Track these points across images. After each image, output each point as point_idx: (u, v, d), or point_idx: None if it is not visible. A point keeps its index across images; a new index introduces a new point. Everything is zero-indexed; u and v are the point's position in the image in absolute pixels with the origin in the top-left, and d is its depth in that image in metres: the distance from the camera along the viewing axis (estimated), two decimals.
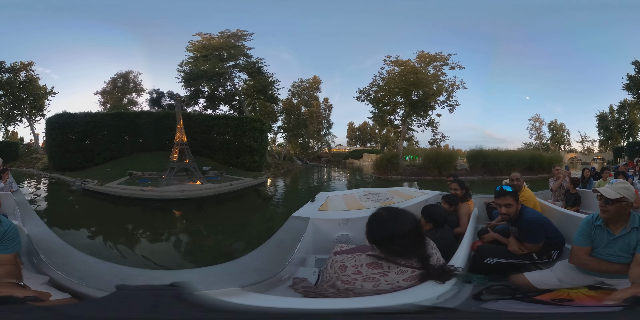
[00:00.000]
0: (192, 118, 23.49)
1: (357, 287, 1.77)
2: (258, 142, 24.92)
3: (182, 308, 1.28)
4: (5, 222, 2.35)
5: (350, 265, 1.84)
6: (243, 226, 11.34)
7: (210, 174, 20.22)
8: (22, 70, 28.58)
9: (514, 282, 2.65)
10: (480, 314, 1.74)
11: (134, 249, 8.42)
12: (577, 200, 6.50)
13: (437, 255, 2.01)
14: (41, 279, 2.37)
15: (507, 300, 2.12)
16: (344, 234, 3.77)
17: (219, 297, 1.47)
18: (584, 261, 2.53)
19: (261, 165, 25.73)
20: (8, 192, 5.72)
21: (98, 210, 12.95)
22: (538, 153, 31.63)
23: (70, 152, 19.00)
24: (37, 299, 1.66)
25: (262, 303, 1.53)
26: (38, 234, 3.29)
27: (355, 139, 58.56)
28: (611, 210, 2.43)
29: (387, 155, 29.75)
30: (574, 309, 2.12)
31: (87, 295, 2.12)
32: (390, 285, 1.76)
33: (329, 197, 5.28)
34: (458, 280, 1.84)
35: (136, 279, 2.48)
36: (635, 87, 31.85)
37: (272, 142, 43.55)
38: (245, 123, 24.53)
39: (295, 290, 2.38)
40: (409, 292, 1.71)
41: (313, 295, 2.08)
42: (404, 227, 1.79)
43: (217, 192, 16.47)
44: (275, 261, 2.86)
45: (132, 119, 21.54)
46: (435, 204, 3.59)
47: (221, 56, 26.57)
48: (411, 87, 28.68)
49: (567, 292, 2.37)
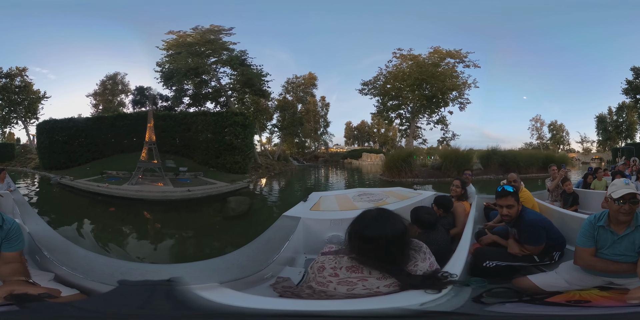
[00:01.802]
0: (172, 117, 22.63)
1: (330, 289, 1.70)
2: (240, 140, 21.50)
3: (175, 303, 1.40)
4: (8, 220, 2.35)
5: (329, 267, 1.76)
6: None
7: (184, 175, 18.94)
8: (17, 75, 30.84)
9: (519, 286, 2.60)
10: (484, 317, 1.66)
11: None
12: (576, 199, 6.43)
13: (431, 261, 1.89)
14: (47, 276, 2.42)
15: (515, 303, 2.05)
16: (334, 234, 3.69)
17: (197, 291, 1.53)
18: (590, 262, 2.49)
19: (245, 166, 22.13)
20: (6, 192, 5.72)
21: (58, 196, 16.02)
22: (550, 153, 32.47)
23: (56, 153, 21.68)
24: (50, 296, 1.67)
25: (230, 301, 1.52)
26: (39, 232, 3.35)
27: (353, 138, 58.40)
28: (634, 211, 2.37)
29: (400, 154, 24.70)
30: (593, 310, 2.09)
31: (93, 290, 2.18)
32: (367, 290, 1.65)
33: (321, 197, 5.20)
34: (454, 286, 1.71)
35: (134, 272, 2.57)
36: (634, 92, 33.42)
37: (267, 141, 42.51)
38: (225, 118, 21.40)
39: (275, 289, 2.35)
40: (398, 296, 1.61)
41: (289, 296, 2.05)
42: (389, 231, 1.67)
43: (167, 197, 14.65)
44: (259, 259, 2.86)
45: (111, 122, 22.72)
46: (424, 206, 3.45)
47: (198, 52, 24.72)
48: (430, 79, 26.97)
49: (579, 294, 2.34)
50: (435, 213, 3.45)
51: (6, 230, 2.29)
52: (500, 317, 1.69)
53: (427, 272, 1.76)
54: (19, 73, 30.75)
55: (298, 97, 36.52)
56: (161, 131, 21.41)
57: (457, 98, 28.59)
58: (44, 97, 32.37)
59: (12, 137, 37.26)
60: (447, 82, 27.48)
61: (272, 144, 41.53)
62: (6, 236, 2.28)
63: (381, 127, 57.12)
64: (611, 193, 2.42)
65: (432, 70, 27.10)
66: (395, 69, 28.89)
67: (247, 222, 11.33)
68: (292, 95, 36.26)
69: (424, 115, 29.66)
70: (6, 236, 2.28)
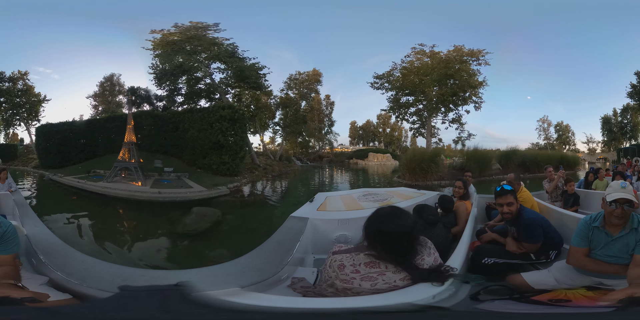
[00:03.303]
0: (161, 116, 22.02)
1: (355, 286, 1.79)
2: (229, 137, 18.81)
3: (189, 308, 1.30)
4: (4, 223, 2.35)
5: (349, 264, 1.84)
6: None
7: (168, 176, 18.14)
8: (19, 79, 32.65)
9: (511, 283, 2.66)
10: (475, 313, 1.75)
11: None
12: (577, 200, 6.49)
13: (435, 256, 2.01)
14: (40, 280, 2.37)
15: (503, 301, 2.12)
16: (342, 234, 3.77)
17: (221, 297, 1.49)
18: (582, 262, 2.52)
19: (236, 167, 19.41)
20: (7, 192, 5.68)
21: (46, 189, 18.04)
22: (565, 154, 33.26)
23: (52, 154, 23.38)
24: (34, 300, 1.65)
25: (263, 302, 1.54)
26: (37, 235, 3.29)
27: (358, 138, 57.98)
28: (628, 215, 2.39)
29: (424, 154, 21.52)
30: (570, 309, 2.11)
31: (89, 295, 2.12)
32: (387, 284, 1.77)
33: (327, 198, 5.28)
34: (455, 280, 1.85)
35: (138, 279, 2.50)
36: (638, 96, 34.28)
37: (271, 141, 41.17)
38: (212, 113, 19.11)
39: (294, 289, 2.39)
40: (405, 292, 1.72)
41: (312, 295, 2.08)
42: (401, 226, 1.82)
43: (135, 196, 14.02)
44: (274, 261, 2.86)
45: (102, 124, 23.56)
46: (426, 205, 3.59)
47: (185, 50, 23.59)
48: (457, 75, 25.93)
49: (565, 293, 2.37)
50: (436, 211, 3.60)
51: (1, 233, 2.28)
52: (489, 314, 1.74)
53: (433, 266, 1.90)
54: (21, 77, 32.52)
55: (302, 94, 34.20)
56: (150, 131, 21.58)
57: (473, 96, 27.40)
58: (45, 100, 34.16)
59: (16, 137, 38.81)
60: (470, 80, 26.55)
61: (275, 144, 39.71)
62: (1, 239, 2.27)
63: (387, 127, 56.72)
64: (606, 195, 2.42)
65: (461, 66, 26.04)
66: (420, 62, 27.08)
67: (202, 245, 8.09)
68: (294, 92, 33.92)
69: (440, 113, 28.11)
70: (1, 239, 2.27)
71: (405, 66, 27.69)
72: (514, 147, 27.57)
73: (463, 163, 23.03)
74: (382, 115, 55.90)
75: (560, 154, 30.16)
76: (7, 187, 6.48)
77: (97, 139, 23.32)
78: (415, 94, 27.95)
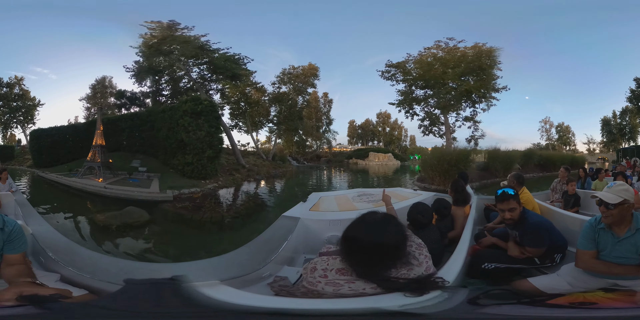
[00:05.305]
0: (139, 116, 22.30)
1: (318, 289, 1.75)
2: (193, 133, 16.38)
3: (179, 302, 1.46)
4: (9, 222, 2.34)
5: (321, 268, 1.81)
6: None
7: (142, 176, 17.97)
8: (16, 84, 36.02)
9: (518, 288, 2.56)
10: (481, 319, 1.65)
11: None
12: (577, 201, 6.36)
13: (427, 265, 1.90)
14: (53, 277, 2.41)
15: (513, 305, 1.97)
16: (333, 234, 3.67)
17: (199, 289, 1.58)
18: (592, 265, 2.47)
19: (202, 168, 16.79)
20: (8, 192, 5.72)
21: (33, 183, 21.16)
22: (574, 155, 36.37)
23: (44, 155, 26.08)
24: (62, 297, 1.66)
25: (228, 297, 1.57)
26: (42, 233, 3.35)
27: (356, 137, 57.51)
28: (615, 215, 2.39)
29: (453, 154, 18.71)
30: (603, 312, 2.04)
31: (100, 289, 2.19)
32: (352, 291, 1.69)
33: (321, 198, 5.18)
34: (445, 289, 1.71)
35: (138, 271, 2.62)
36: (637, 100, 37.29)
37: (267, 140, 39.77)
38: (177, 109, 17.39)
39: (272, 288, 2.40)
40: (374, 298, 1.65)
41: (284, 294, 2.11)
42: (372, 238, 1.67)
43: (85, 188, 15.82)
44: (258, 258, 2.91)
45: (85, 128, 25.19)
46: (421, 203, 3.36)
47: (160, 50, 22.95)
48: (486, 68, 24.66)
49: (583, 296, 2.31)
50: (429, 213, 3.36)
51: (7, 232, 2.28)
52: (497, 319, 1.66)
53: (420, 277, 1.74)
54: (17, 82, 36.11)
55: (297, 89, 31.57)
56: (129, 132, 22.64)
57: (488, 92, 25.81)
58: (39, 104, 37.98)
59: (14, 138, 42.00)
60: (492, 76, 25.45)
61: (272, 143, 36.93)
62: (8, 238, 2.27)
63: (387, 126, 56.51)
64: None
65: (487, 61, 24.92)
66: (446, 53, 25.30)
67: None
68: (288, 87, 31.66)
69: (455, 110, 26.27)
70: (8, 238, 2.27)
71: (431, 54, 25.78)
72: (514, 147, 28.35)
73: (486, 163, 22.40)
74: (382, 113, 55.84)
75: (571, 155, 33.43)
76: (8, 188, 6.65)
77: (83, 142, 24.75)
78: (435, 86, 25.64)
